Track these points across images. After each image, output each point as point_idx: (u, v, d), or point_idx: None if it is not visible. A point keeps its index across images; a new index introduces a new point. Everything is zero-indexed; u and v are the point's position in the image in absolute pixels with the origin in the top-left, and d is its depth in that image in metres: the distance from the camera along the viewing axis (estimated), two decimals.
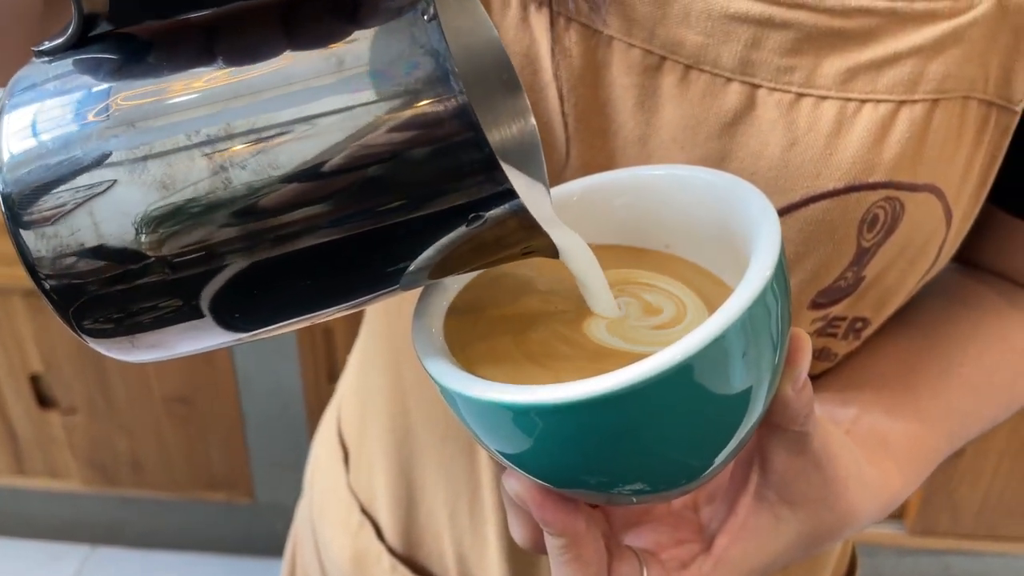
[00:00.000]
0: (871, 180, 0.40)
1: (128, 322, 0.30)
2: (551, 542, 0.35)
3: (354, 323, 0.66)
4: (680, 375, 0.28)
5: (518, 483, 0.34)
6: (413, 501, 0.61)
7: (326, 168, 0.27)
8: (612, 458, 0.30)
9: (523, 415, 0.29)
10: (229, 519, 1.77)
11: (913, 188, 0.41)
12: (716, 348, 0.28)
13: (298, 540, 0.74)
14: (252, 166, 0.27)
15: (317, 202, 0.28)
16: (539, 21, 0.41)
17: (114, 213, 0.28)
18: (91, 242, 0.28)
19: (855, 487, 0.39)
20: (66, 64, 0.29)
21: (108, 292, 0.29)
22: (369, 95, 0.27)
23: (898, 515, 1.64)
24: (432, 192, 0.28)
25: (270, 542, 0.93)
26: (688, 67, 0.40)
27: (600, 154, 0.43)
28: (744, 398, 0.30)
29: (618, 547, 0.38)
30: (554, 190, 0.39)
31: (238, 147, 0.27)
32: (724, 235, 0.35)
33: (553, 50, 0.41)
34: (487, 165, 0.27)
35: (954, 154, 0.41)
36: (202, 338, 0.31)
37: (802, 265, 0.43)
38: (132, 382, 1.61)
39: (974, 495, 1.59)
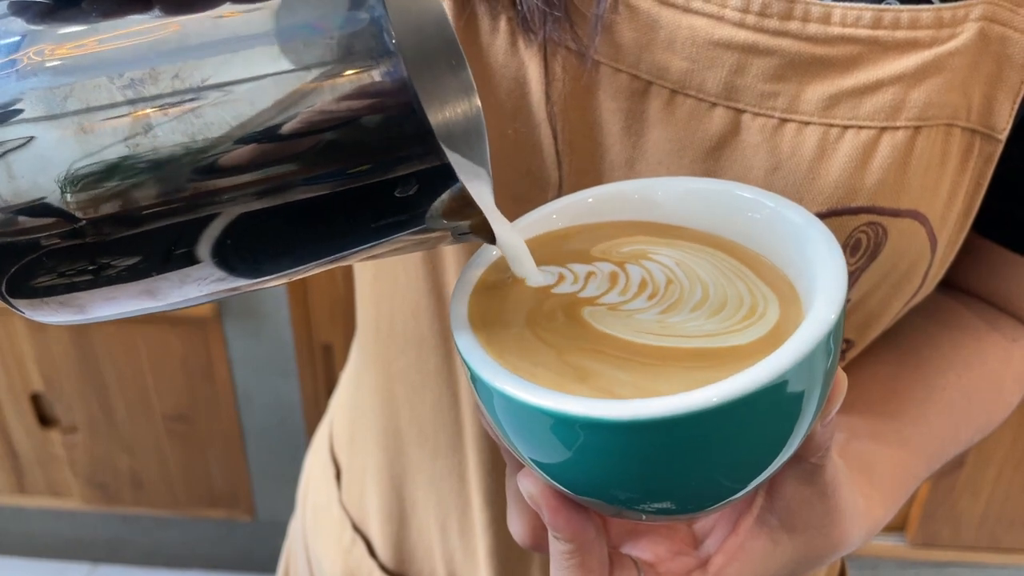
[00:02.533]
0: (853, 205, 0.40)
1: (47, 284, 0.29)
2: (557, 547, 0.35)
3: (352, 339, 0.67)
4: (772, 391, 0.28)
5: (534, 486, 0.34)
6: (404, 518, 0.61)
7: (249, 120, 0.26)
8: (652, 477, 0.30)
9: (567, 425, 0.29)
10: (230, 536, 1.77)
11: (896, 214, 0.41)
12: (810, 358, 0.28)
13: (291, 556, 0.75)
14: (175, 114, 0.26)
15: (238, 159, 0.27)
16: (528, 46, 0.42)
17: (28, 157, 0.27)
18: (2, 183, 0.27)
19: (849, 517, 0.39)
20: None
21: (17, 241, 0.28)
22: (299, 46, 0.26)
23: (899, 527, 1.64)
24: (361, 155, 0.27)
25: (271, 559, 0.93)
26: (674, 92, 0.41)
27: (587, 176, 0.43)
28: (793, 423, 0.30)
29: (618, 555, 0.38)
30: (603, 187, 0.40)
31: (161, 93, 0.26)
32: (782, 256, 0.35)
33: (544, 75, 0.42)
34: (419, 127, 0.26)
35: (938, 181, 0.41)
36: (123, 302, 0.30)
37: None
38: (132, 400, 1.62)
39: (975, 507, 1.59)
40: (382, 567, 0.63)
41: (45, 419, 1.66)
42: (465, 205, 0.29)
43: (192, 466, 1.69)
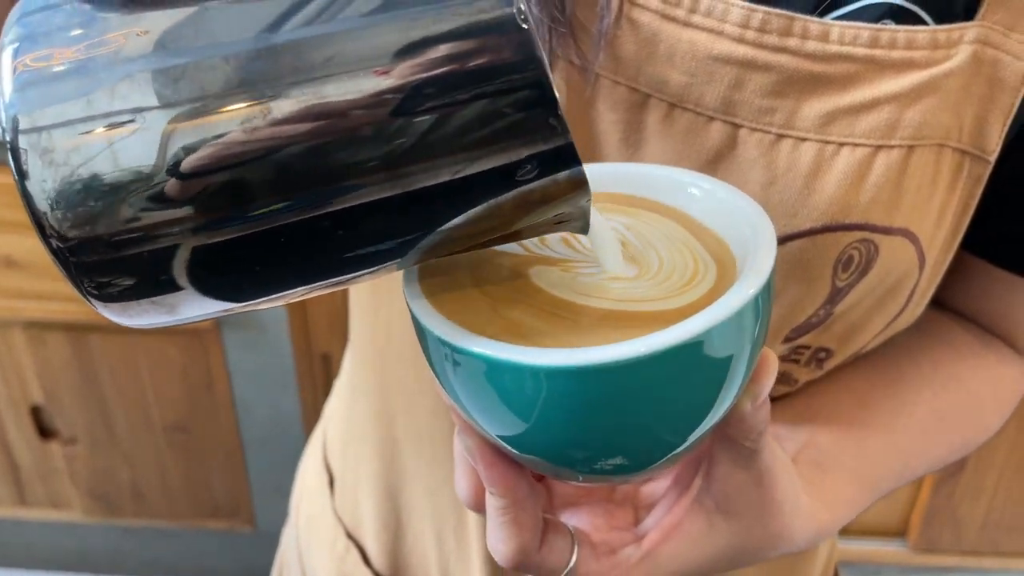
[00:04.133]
0: (847, 221, 0.40)
1: (143, 282, 0.27)
2: (492, 502, 0.36)
3: None
4: (693, 347, 0.28)
5: (473, 441, 0.35)
6: (400, 525, 0.62)
7: (372, 101, 0.25)
8: (577, 429, 0.30)
9: (532, 377, 0.29)
10: (230, 547, 1.77)
11: (888, 231, 0.41)
12: (736, 320, 0.29)
13: (284, 565, 0.75)
14: (293, 95, 0.25)
15: (359, 143, 0.25)
16: None
17: (135, 139, 0.25)
18: (106, 171, 0.25)
19: (790, 512, 0.40)
20: None
21: (115, 234, 0.25)
22: (427, 21, 0.25)
23: (901, 532, 1.64)
24: (484, 135, 0.26)
25: (271, 570, 0.94)
26: (672, 105, 0.41)
27: None
28: (720, 381, 0.31)
29: (555, 521, 0.39)
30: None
31: (280, 72, 0.25)
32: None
33: None
34: (547, 108, 0.25)
35: (929, 200, 0.42)
36: (217, 303, 0.29)
37: (777, 302, 0.43)
38: (132, 411, 1.62)
39: (976, 511, 1.59)
40: (377, 575, 0.64)
41: (45, 431, 1.66)
42: (577, 189, 0.28)
43: (192, 477, 1.69)
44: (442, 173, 0.26)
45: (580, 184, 0.28)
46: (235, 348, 1.52)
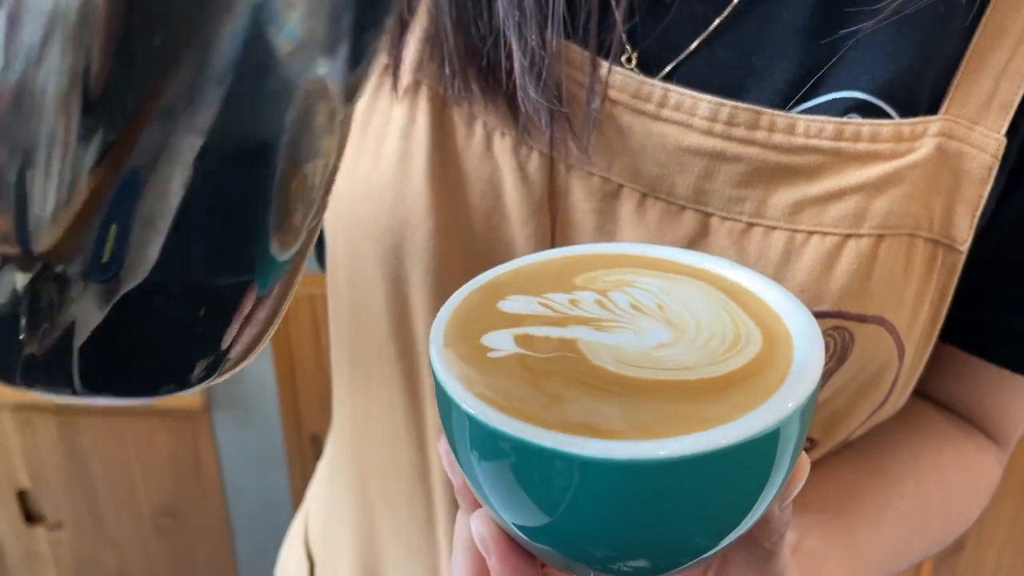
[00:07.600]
0: (819, 309, 0.41)
1: None
2: None
3: None
4: (751, 446, 0.27)
5: (486, 528, 0.33)
6: None
7: None
8: (611, 524, 0.28)
9: (564, 466, 0.27)
10: None
11: (861, 319, 0.41)
12: (796, 418, 0.28)
13: None
14: None
15: None
16: (503, 150, 0.43)
17: None
18: None
19: None
20: None
21: None
22: None
23: None
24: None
25: None
26: (644, 195, 0.42)
27: None
28: (764, 483, 0.29)
29: None
30: (608, 244, 0.38)
31: None
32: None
33: (520, 177, 0.43)
34: None
35: (903, 289, 0.42)
36: None
37: None
38: (119, 496, 1.60)
39: None
40: None
41: (31, 516, 1.64)
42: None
43: (179, 563, 1.66)
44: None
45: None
46: (224, 429, 1.51)
